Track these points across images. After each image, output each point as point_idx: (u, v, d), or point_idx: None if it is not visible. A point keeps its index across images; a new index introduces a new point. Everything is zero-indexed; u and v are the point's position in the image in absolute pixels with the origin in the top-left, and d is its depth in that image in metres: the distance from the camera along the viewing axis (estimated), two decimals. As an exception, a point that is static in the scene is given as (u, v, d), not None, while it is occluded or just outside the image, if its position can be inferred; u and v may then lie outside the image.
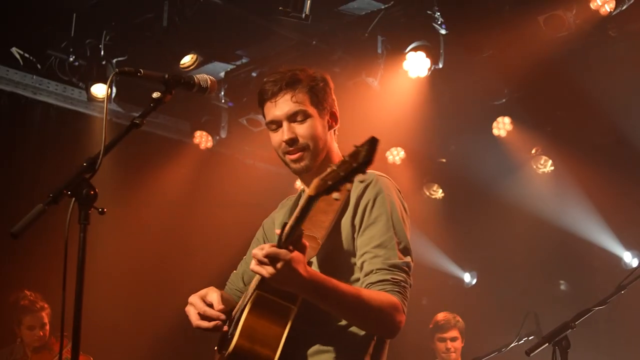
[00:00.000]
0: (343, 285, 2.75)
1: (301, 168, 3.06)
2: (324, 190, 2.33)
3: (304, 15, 5.87)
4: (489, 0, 6.32)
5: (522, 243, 8.55)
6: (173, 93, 2.81)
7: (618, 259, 8.19)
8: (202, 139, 8.49)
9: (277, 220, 3.28)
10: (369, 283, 2.84)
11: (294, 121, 3.03)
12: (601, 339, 7.82)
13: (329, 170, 2.33)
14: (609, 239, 8.13)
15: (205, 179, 8.83)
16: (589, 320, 4.60)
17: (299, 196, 3.30)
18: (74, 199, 2.47)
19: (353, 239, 2.94)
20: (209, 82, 2.85)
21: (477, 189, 8.50)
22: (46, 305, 6.41)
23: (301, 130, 3.03)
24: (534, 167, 8.25)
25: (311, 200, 2.41)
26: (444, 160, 8.65)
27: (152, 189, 8.38)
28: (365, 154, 2.21)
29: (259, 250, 2.54)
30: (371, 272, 2.85)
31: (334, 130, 3.19)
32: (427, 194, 9.19)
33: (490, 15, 6.32)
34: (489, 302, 8.70)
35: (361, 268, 2.90)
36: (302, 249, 2.59)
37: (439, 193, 9.19)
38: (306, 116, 3.03)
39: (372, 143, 2.21)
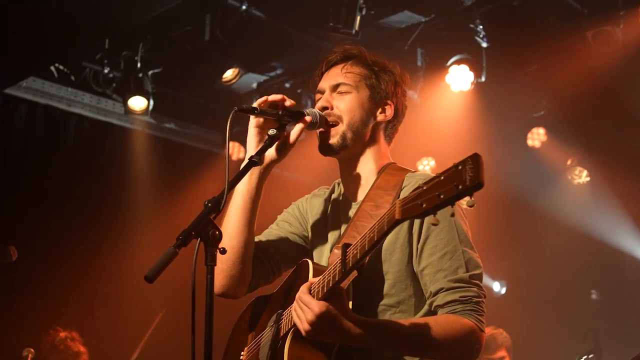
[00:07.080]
0: (403, 325, 2.49)
1: (329, 146, 2.75)
2: (420, 214, 2.02)
3: (354, 31, 5.86)
4: (534, 15, 6.30)
5: (553, 253, 8.55)
6: (287, 129, 2.81)
7: (650, 270, 8.20)
8: (235, 150, 8.45)
9: (312, 211, 3.01)
10: (436, 306, 2.56)
11: (336, 92, 2.80)
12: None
13: (419, 191, 2.03)
14: (642, 250, 8.13)
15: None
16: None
17: (334, 193, 2.98)
18: (199, 239, 2.44)
19: (410, 247, 2.64)
20: (318, 117, 2.82)
21: (509, 198, 8.47)
22: (83, 349, 5.92)
23: (339, 101, 2.77)
24: (569, 177, 8.25)
25: (396, 224, 2.14)
26: (475, 169, 8.58)
27: (182, 199, 8.34)
28: (474, 175, 1.90)
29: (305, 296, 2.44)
30: (438, 292, 2.54)
31: (387, 129, 2.89)
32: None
33: (535, 30, 6.31)
34: (519, 311, 8.67)
35: (423, 281, 2.61)
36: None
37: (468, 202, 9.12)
38: (350, 90, 2.78)
39: (478, 161, 1.92)
